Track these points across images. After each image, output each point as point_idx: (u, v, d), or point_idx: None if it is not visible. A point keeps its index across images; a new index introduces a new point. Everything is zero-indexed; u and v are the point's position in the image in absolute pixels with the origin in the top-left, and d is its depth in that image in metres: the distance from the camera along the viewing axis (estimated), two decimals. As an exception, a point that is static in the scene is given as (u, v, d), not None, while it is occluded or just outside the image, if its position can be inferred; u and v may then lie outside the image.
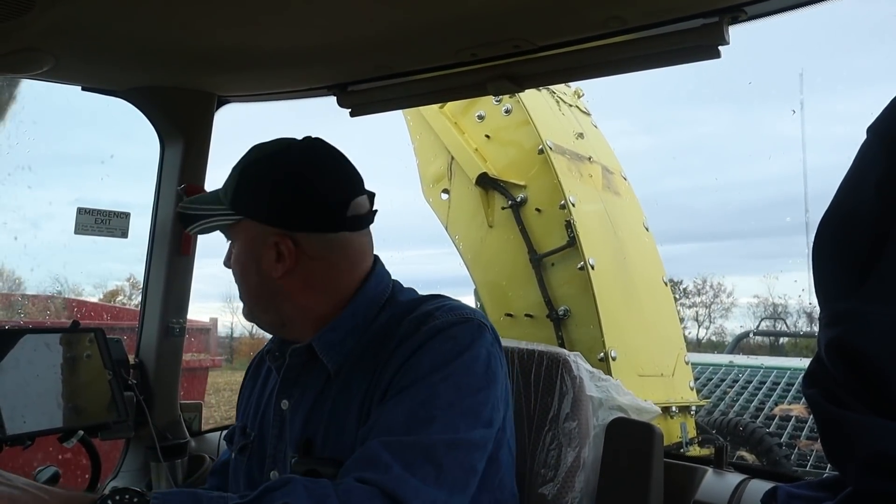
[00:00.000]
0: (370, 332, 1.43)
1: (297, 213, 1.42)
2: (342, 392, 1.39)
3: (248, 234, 1.44)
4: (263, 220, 1.42)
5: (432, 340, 1.32)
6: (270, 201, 1.42)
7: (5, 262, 8.53)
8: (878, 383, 0.61)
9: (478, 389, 1.30)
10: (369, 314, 1.45)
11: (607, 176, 4.65)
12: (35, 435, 1.78)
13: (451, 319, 1.35)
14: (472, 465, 1.27)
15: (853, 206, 0.66)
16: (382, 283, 1.50)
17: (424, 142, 4.70)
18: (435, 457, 1.21)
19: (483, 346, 1.35)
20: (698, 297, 24.64)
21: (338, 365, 1.42)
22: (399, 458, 1.19)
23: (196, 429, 2.58)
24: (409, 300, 1.48)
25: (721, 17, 1.61)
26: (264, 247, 1.42)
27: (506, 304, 4.34)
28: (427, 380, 1.28)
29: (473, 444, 1.27)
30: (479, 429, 1.28)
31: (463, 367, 1.30)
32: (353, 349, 1.42)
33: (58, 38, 1.81)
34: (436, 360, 1.29)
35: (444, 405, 1.26)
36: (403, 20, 1.73)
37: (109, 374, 1.97)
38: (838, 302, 0.65)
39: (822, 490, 0.71)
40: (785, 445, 5.91)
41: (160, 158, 2.43)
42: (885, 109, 0.67)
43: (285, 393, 1.48)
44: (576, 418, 1.74)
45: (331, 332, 1.43)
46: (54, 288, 8.14)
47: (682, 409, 4.38)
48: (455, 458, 1.23)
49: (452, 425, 1.25)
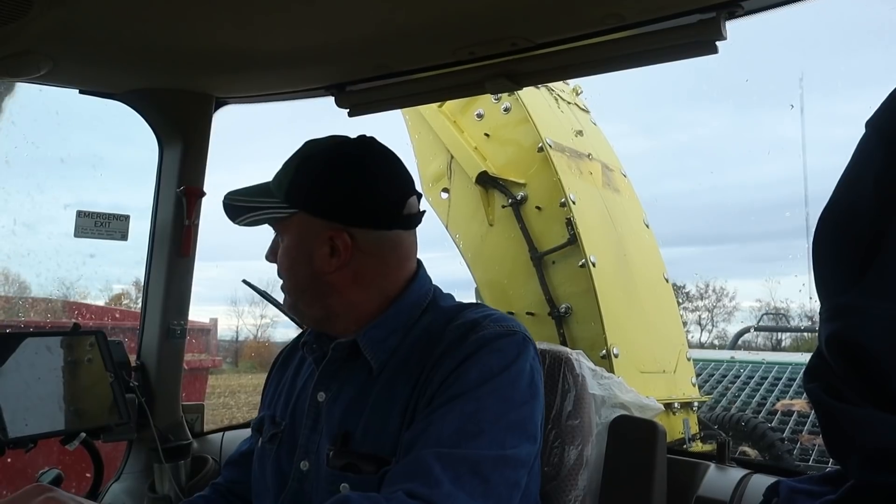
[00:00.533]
0: (412, 333, 1.44)
1: (355, 208, 1.43)
2: (385, 390, 1.40)
3: (301, 228, 1.44)
4: (320, 214, 1.42)
5: (479, 352, 1.33)
6: (328, 196, 1.42)
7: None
8: (878, 377, 0.61)
9: (522, 403, 1.32)
10: (412, 315, 1.46)
11: (607, 173, 4.65)
12: (37, 438, 1.78)
13: (499, 331, 1.36)
14: (517, 481, 1.29)
15: (852, 200, 0.66)
16: (426, 286, 1.52)
17: (423, 141, 4.69)
18: (482, 472, 1.23)
19: (527, 360, 1.36)
20: (701, 300, 25.11)
21: (381, 363, 1.42)
22: (449, 472, 1.20)
23: (198, 430, 2.58)
24: (451, 306, 1.50)
25: (718, 12, 1.61)
26: (318, 241, 1.43)
27: (507, 302, 4.33)
28: (475, 392, 1.29)
29: (519, 461, 1.29)
30: (525, 445, 1.30)
31: (509, 381, 1.32)
32: (397, 349, 1.43)
33: (55, 42, 1.81)
34: (483, 373, 1.30)
35: (492, 419, 1.27)
36: (401, 19, 1.73)
37: (111, 377, 1.97)
38: (838, 296, 0.65)
39: (824, 484, 0.71)
40: (787, 440, 5.92)
41: (159, 160, 2.43)
42: (883, 104, 0.66)
43: (323, 385, 1.49)
44: (578, 416, 1.74)
45: (375, 330, 1.44)
46: (60, 291, 8.15)
47: (685, 405, 4.38)
48: (502, 475, 1.25)
49: (500, 441, 1.26)
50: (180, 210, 2.38)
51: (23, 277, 8.39)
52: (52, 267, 7.87)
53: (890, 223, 0.61)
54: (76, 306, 7.80)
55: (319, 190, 1.43)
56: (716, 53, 1.70)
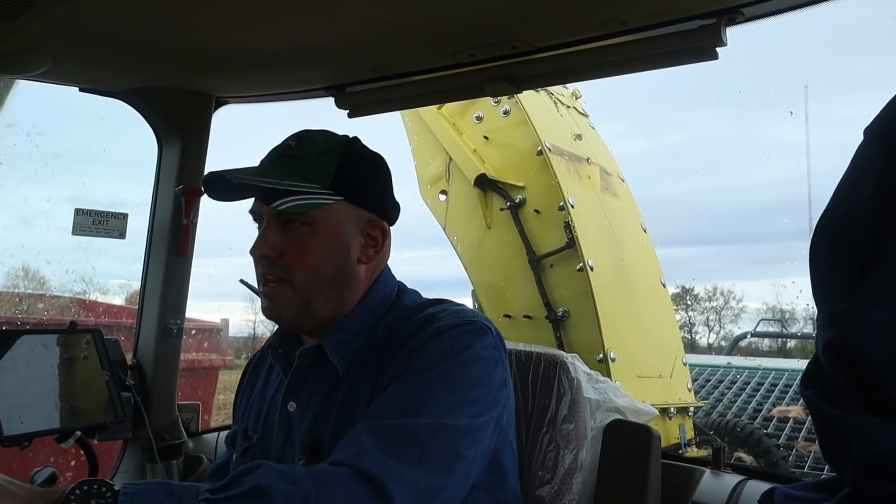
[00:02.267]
0: (375, 333, 1.42)
1: (388, 201, 1.48)
2: (349, 393, 1.38)
3: (340, 217, 1.41)
4: (363, 204, 1.43)
5: (432, 340, 1.32)
6: (374, 187, 1.45)
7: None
8: (875, 384, 0.61)
9: (471, 387, 1.30)
10: (376, 315, 1.45)
11: (605, 177, 4.65)
12: (32, 436, 1.77)
13: (454, 322, 1.36)
14: (458, 450, 1.25)
15: (851, 207, 0.66)
16: (389, 284, 1.50)
17: (422, 143, 4.70)
18: (418, 440, 1.20)
19: (483, 348, 1.35)
20: (709, 302, 25.70)
21: (346, 365, 1.41)
22: (381, 442, 1.19)
23: (193, 430, 2.58)
24: (414, 304, 1.48)
25: (718, 18, 1.61)
26: (356, 231, 1.43)
27: (504, 305, 4.33)
28: (422, 375, 1.28)
29: (460, 430, 1.26)
30: (467, 419, 1.27)
31: (460, 365, 1.30)
32: (360, 349, 1.42)
33: (55, 40, 1.81)
34: (433, 358, 1.30)
35: (436, 398, 1.26)
36: (401, 21, 1.73)
37: (107, 375, 1.96)
38: (836, 303, 0.65)
39: (819, 491, 0.71)
40: (783, 447, 5.92)
41: (158, 159, 2.42)
42: (882, 111, 0.67)
43: (293, 395, 1.46)
44: (573, 420, 1.74)
45: (340, 333, 1.42)
46: (80, 287, 8.12)
47: (681, 410, 4.38)
48: (439, 442, 1.22)
49: (439, 415, 1.24)
50: (178, 209, 2.37)
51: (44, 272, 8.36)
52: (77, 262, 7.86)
53: (888, 230, 0.61)
54: (92, 304, 7.78)
55: (365, 181, 1.44)
56: (716, 59, 1.70)
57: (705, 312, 25.65)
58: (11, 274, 7.64)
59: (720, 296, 25.61)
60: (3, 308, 7.02)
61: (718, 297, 25.67)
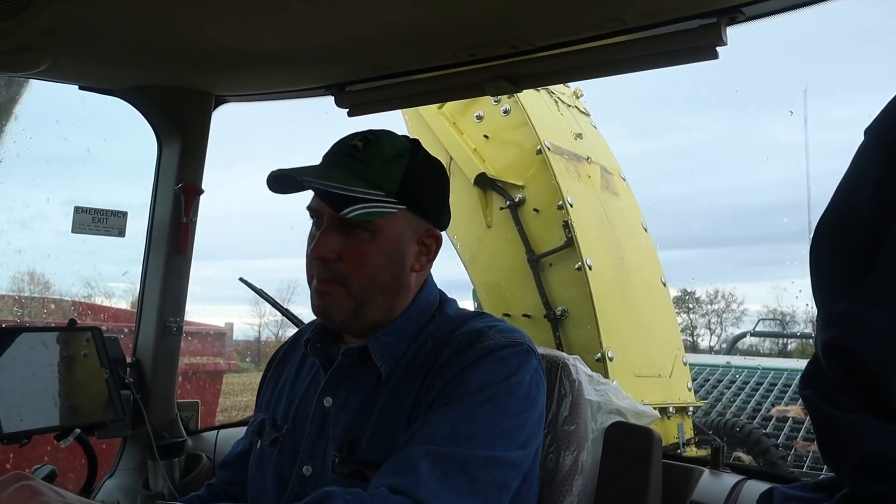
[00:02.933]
0: (419, 340, 1.44)
1: (445, 210, 1.51)
2: (391, 397, 1.39)
3: (401, 226, 1.41)
4: (424, 213, 1.44)
5: (482, 360, 1.33)
6: (435, 197, 1.47)
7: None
8: (874, 385, 0.61)
9: (517, 413, 1.31)
10: (421, 322, 1.46)
11: (606, 176, 4.65)
12: (32, 433, 1.78)
13: (503, 342, 1.36)
14: (506, 483, 1.28)
15: (851, 207, 0.66)
16: (433, 292, 1.52)
17: (423, 142, 4.69)
18: (471, 471, 1.22)
19: (528, 372, 1.36)
20: (710, 305, 25.87)
21: (389, 369, 1.41)
22: (437, 469, 1.20)
23: (193, 428, 2.58)
24: (457, 315, 1.49)
25: (719, 17, 1.61)
26: (413, 239, 1.44)
27: (504, 304, 4.33)
28: (472, 397, 1.29)
29: (509, 464, 1.28)
30: (515, 450, 1.29)
31: (507, 391, 1.31)
32: (404, 355, 1.42)
33: (55, 37, 1.81)
34: (483, 380, 1.30)
35: (485, 425, 1.27)
36: (401, 20, 1.73)
37: (106, 373, 1.97)
38: (835, 303, 0.65)
39: (818, 491, 0.71)
40: (782, 446, 5.92)
41: (157, 157, 2.43)
42: (882, 111, 0.67)
43: (330, 391, 1.46)
44: (574, 422, 1.74)
45: (386, 336, 1.43)
46: (85, 291, 8.14)
47: (680, 409, 4.39)
48: (490, 475, 1.24)
49: (491, 444, 1.26)
50: (178, 207, 2.37)
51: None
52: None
53: (888, 230, 0.61)
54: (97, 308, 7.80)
55: (429, 190, 1.45)
56: (716, 59, 1.70)
57: (707, 315, 26.00)
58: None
59: (721, 299, 25.91)
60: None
61: (720, 300, 25.97)
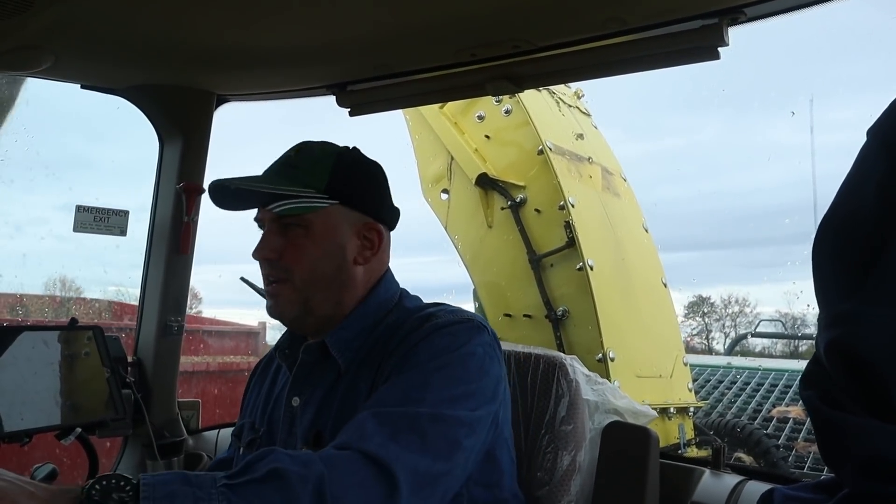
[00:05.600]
0: (376, 333, 1.49)
1: (384, 206, 1.56)
2: (350, 387, 1.45)
3: (334, 219, 1.48)
4: (358, 207, 1.50)
5: (431, 335, 1.39)
6: (368, 191, 1.53)
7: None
8: (875, 386, 0.61)
9: (469, 381, 1.36)
10: (378, 316, 1.52)
11: (607, 177, 4.65)
12: (33, 432, 1.78)
13: (452, 319, 1.43)
14: (456, 439, 1.31)
15: (853, 208, 0.66)
16: (392, 288, 1.57)
17: (424, 142, 4.69)
18: (419, 427, 1.26)
19: (479, 344, 1.41)
20: (725, 310, 26.60)
21: (348, 361, 1.47)
22: (384, 427, 1.24)
23: (194, 427, 2.58)
24: (415, 306, 1.55)
25: (721, 18, 1.61)
26: (352, 233, 1.49)
27: (505, 304, 4.33)
28: (422, 367, 1.35)
29: (458, 420, 1.31)
30: (465, 412, 1.33)
31: (458, 360, 1.37)
32: (361, 347, 1.48)
33: (57, 36, 1.81)
34: (433, 352, 1.37)
35: (435, 390, 1.32)
36: (403, 20, 1.73)
37: (107, 372, 1.97)
38: (837, 304, 0.65)
39: (819, 492, 0.71)
40: (782, 447, 5.92)
41: (159, 157, 2.43)
42: (884, 112, 0.66)
43: (296, 390, 1.53)
44: (572, 422, 1.74)
45: (343, 331, 1.49)
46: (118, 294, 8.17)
47: (680, 410, 4.38)
48: (438, 430, 1.28)
49: (439, 405, 1.30)
50: (179, 207, 2.38)
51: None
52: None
53: (891, 231, 0.61)
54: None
55: (360, 184, 1.51)
56: (718, 59, 1.70)
57: (721, 319, 26.75)
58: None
59: (735, 303, 26.65)
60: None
61: (734, 304, 26.70)
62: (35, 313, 7.21)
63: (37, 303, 7.53)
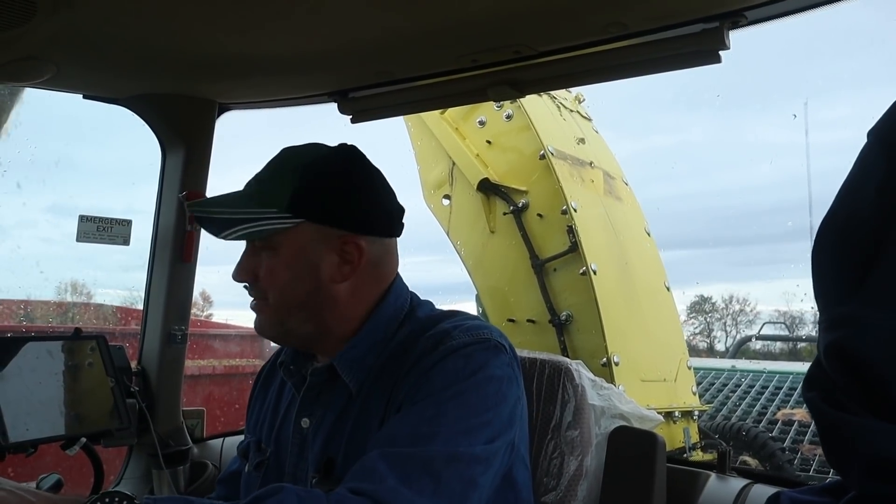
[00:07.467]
0: (389, 348, 1.40)
1: (363, 215, 1.40)
2: (362, 411, 1.37)
3: (303, 239, 1.37)
4: (329, 222, 1.37)
5: (446, 359, 1.29)
6: (338, 203, 1.38)
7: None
8: (877, 387, 0.60)
9: (485, 410, 1.28)
10: (389, 329, 1.42)
11: (609, 181, 4.66)
12: (38, 442, 1.78)
13: (467, 340, 1.33)
14: (472, 479, 1.23)
15: (853, 209, 0.66)
16: (402, 296, 1.47)
17: (425, 147, 4.71)
18: (433, 470, 1.19)
19: (497, 366, 1.32)
20: (726, 309, 27.37)
21: (359, 383, 1.39)
22: (396, 470, 1.17)
23: (198, 435, 2.58)
24: (428, 317, 1.44)
25: (721, 22, 1.61)
26: (326, 249, 1.37)
27: (508, 309, 4.33)
28: (436, 396, 1.26)
29: (474, 458, 1.24)
30: (482, 445, 1.26)
31: (474, 387, 1.28)
32: (373, 366, 1.39)
33: (59, 47, 1.82)
34: (447, 379, 1.27)
35: (449, 422, 1.23)
36: (404, 26, 1.74)
37: (112, 382, 1.97)
38: (837, 306, 0.65)
39: (825, 495, 0.71)
40: (788, 450, 5.91)
41: (161, 166, 2.43)
42: (885, 113, 0.66)
43: (306, 411, 1.44)
44: (578, 427, 1.73)
45: (352, 350, 1.40)
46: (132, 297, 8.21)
47: (685, 414, 4.38)
48: (454, 471, 1.21)
49: (454, 441, 1.22)
50: (182, 215, 2.38)
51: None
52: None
53: (891, 232, 0.61)
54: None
55: (328, 197, 1.38)
56: (719, 63, 1.70)
57: (722, 318, 27.24)
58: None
59: (736, 302, 27.25)
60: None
61: (734, 304, 27.31)
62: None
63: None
